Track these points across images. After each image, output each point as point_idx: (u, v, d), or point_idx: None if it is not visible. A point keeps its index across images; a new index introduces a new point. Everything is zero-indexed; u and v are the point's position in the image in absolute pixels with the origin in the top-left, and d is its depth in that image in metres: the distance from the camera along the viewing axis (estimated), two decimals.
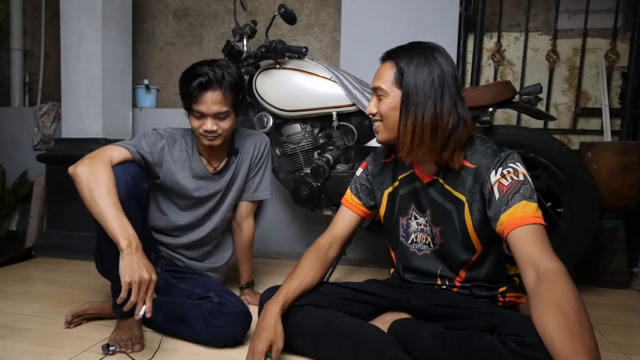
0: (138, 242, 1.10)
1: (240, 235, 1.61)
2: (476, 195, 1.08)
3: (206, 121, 1.34)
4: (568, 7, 2.28)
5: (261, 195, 1.59)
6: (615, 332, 1.44)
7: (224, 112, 1.35)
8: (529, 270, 0.93)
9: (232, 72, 1.36)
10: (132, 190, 1.22)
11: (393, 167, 1.25)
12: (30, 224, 2.62)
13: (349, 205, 1.32)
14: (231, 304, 1.26)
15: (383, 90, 1.11)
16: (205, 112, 1.33)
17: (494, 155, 1.07)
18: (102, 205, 1.11)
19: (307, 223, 2.42)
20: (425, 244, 1.20)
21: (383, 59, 1.16)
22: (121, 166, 1.23)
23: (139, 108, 2.62)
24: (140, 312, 1.06)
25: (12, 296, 1.67)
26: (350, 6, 2.26)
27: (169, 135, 1.44)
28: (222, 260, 1.61)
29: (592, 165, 1.89)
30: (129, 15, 2.50)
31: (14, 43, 2.94)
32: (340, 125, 1.84)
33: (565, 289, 0.86)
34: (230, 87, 1.34)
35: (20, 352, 1.20)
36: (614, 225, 1.98)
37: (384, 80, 1.11)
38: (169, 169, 1.42)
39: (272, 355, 1.05)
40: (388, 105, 1.11)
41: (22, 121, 2.79)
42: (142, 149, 1.35)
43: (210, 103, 1.32)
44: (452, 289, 1.18)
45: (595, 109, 2.25)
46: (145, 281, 1.06)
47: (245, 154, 1.54)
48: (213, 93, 1.32)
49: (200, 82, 1.31)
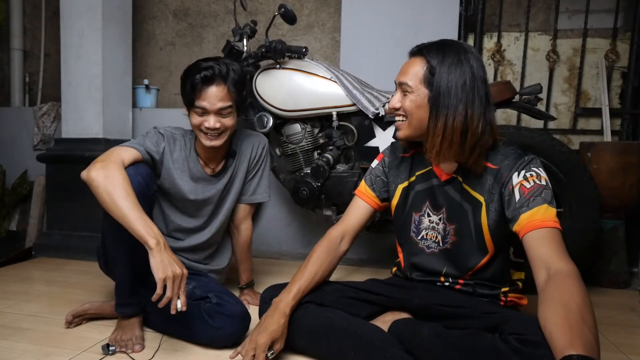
0: (164, 240, 1.11)
1: (238, 237, 1.60)
2: (495, 195, 1.08)
3: (208, 118, 1.31)
4: (568, 7, 2.28)
5: (259, 198, 1.58)
6: (615, 332, 1.44)
7: (227, 108, 1.32)
8: (541, 270, 0.93)
9: (236, 69, 1.34)
10: (144, 191, 1.22)
11: (411, 163, 1.24)
12: (30, 224, 2.62)
13: (363, 196, 1.30)
14: (230, 304, 1.26)
15: (409, 86, 1.09)
16: (208, 108, 1.30)
17: (517, 157, 1.07)
18: (123, 207, 1.11)
19: (307, 223, 2.42)
20: (434, 242, 1.19)
21: (412, 54, 1.14)
22: (133, 167, 1.23)
23: (139, 108, 2.62)
24: (177, 307, 1.08)
25: (12, 296, 1.67)
26: (350, 6, 2.26)
27: (170, 135, 1.42)
28: (223, 262, 1.60)
29: (592, 165, 1.89)
30: (129, 15, 2.50)
31: (14, 43, 2.94)
32: (340, 125, 1.84)
33: (572, 287, 0.86)
34: (234, 83, 1.32)
35: (20, 352, 1.20)
36: (614, 225, 1.98)
37: (411, 76, 1.09)
38: (167, 169, 1.41)
39: (274, 349, 1.05)
40: (413, 102, 1.09)
41: (22, 121, 2.79)
42: (149, 148, 1.34)
43: (214, 98, 1.29)
44: (454, 287, 1.18)
45: (595, 109, 2.25)
46: (178, 276, 1.08)
47: (243, 156, 1.51)
48: (217, 87, 1.30)
49: (205, 75, 1.28)
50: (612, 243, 1.97)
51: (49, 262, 2.23)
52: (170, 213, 1.48)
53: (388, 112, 1.77)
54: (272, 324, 1.08)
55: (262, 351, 1.05)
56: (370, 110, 1.75)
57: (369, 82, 1.96)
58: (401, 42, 2.22)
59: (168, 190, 1.44)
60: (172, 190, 1.43)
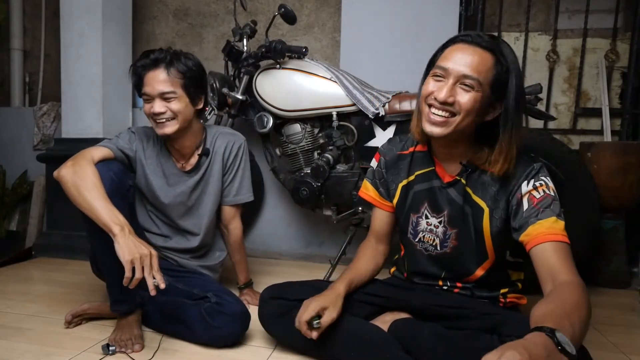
0: (130, 227, 1.11)
1: (229, 237, 1.61)
2: (501, 203, 1.05)
3: (154, 103, 1.33)
4: (568, 7, 2.28)
5: (243, 199, 1.57)
6: (615, 332, 1.44)
7: (168, 92, 1.32)
8: (548, 282, 0.92)
9: (185, 60, 1.36)
10: (117, 187, 1.22)
11: (410, 161, 1.20)
12: (30, 224, 2.62)
13: (378, 204, 1.28)
14: (229, 304, 1.26)
15: (480, 83, 0.97)
16: (150, 92, 1.32)
17: (525, 164, 1.04)
18: (89, 198, 1.12)
19: (307, 223, 2.42)
20: (431, 245, 1.17)
21: (478, 45, 0.98)
22: (104, 163, 1.24)
23: (139, 108, 2.61)
24: (154, 285, 1.07)
25: (12, 296, 1.67)
26: (350, 6, 2.26)
27: (142, 132, 1.46)
28: (214, 260, 1.60)
29: (592, 165, 1.88)
30: (129, 15, 2.50)
31: (14, 43, 2.94)
32: (340, 125, 1.84)
33: (573, 290, 0.86)
34: (177, 70, 1.33)
35: (20, 352, 1.20)
36: (614, 225, 1.98)
37: (480, 72, 0.97)
38: (142, 166, 1.44)
39: (323, 318, 1.05)
40: (476, 102, 0.97)
41: (22, 121, 2.79)
42: (122, 146, 1.37)
43: (155, 82, 1.32)
44: (453, 290, 1.17)
45: (595, 109, 2.24)
46: (147, 255, 1.07)
47: (217, 155, 1.50)
48: (157, 71, 1.32)
49: (144, 63, 1.34)
50: (612, 243, 1.97)
51: (49, 262, 2.23)
52: (153, 215, 1.51)
53: (388, 112, 1.77)
54: (324, 295, 1.10)
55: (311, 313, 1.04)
56: (370, 110, 1.75)
57: (369, 82, 1.96)
58: (401, 42, 2.23)
59: (143, 189, 1.46)
60: (146, 188, 1.45)
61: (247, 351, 1.24)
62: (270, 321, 1.22)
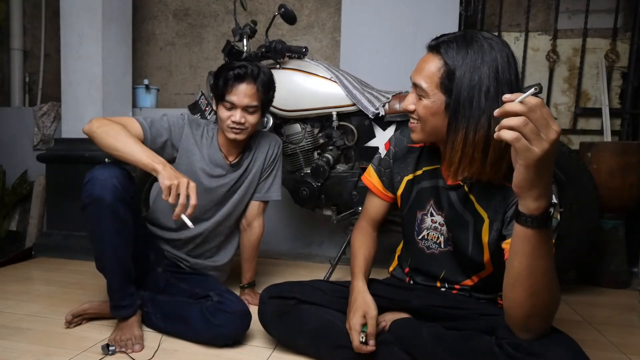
0: (170, 164, 1.19)
1: (249, 234, 1.63)
2: (499, 215, 1.01)
3: (235, 112, 1.40)
4: (568, 7, 2.28)
5: (273, 196, 1.63)
6: (615, 332, 1.44)
7: (253, 107, 1.41)
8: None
9: (266, 72, 1.44)
10: (121, 195, 1.21)
11: (418, 155, 1.17)
12: (30, 224, 2.62)
13: (375, 190, 1.27)
14: (231, 302, 1.26)
15: (424, 90, 0.97)
16: (237, 103, 1.39)
17: None
18: (128, 143, 1.21)
19: (307, 223, 2.42)
20: (435, 242, 1.15)
21: (430, 48, 0.98)
22: (108, 170, 1.21)
23: (139, 108, 2.62)
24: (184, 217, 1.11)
25: (12, 296, 1.67)
26: (350, 6, 2.26)
27: (193, 119, 1.52)
28: (225, 258, 1.62)
29: (592, 165, 1.89)
30: (129, 15, 2.50)
31: (14, 43, 2.94)
32: (340, 125, 1.84)
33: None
34: (262, 84, 1.42)
35: (20, 352, 1.20)
36: (614, 225, 1.98)
37: (426, 78, 0.96)
38: (186, 150, 1.46)
39: (368, 323, 1.05)
40: (427, 109, 0.98)
41: (22, 121, 2.79)
42: (158, 128, 1.39)
43: (243, 95, 1.39)
44: (451, 291, 1.17)
45: (595, 109, 2.25)
46: (185, 183, 1.13)
47: (260, 153, 1.58)
48: (247, 85, 1.39)
49: (238, 73, 1.38)
50: (612, 243, 1.97)
51: (49, 262, 2.23)
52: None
53: (388, 111, 1.77)
54: (354, 301, 1.10)
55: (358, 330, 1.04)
56: (370, 110, 1.75)
57: (369, 82, 1.96)
58: (401, 42, 2.23)
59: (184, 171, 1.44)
60: (189, 171, 1.45)
61: (247, 351, 1.24)
62: (270, 321, 1.21)
